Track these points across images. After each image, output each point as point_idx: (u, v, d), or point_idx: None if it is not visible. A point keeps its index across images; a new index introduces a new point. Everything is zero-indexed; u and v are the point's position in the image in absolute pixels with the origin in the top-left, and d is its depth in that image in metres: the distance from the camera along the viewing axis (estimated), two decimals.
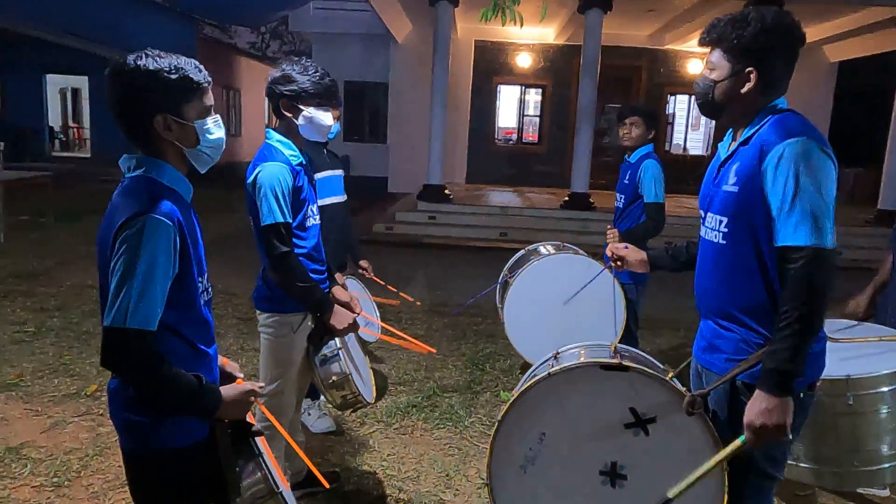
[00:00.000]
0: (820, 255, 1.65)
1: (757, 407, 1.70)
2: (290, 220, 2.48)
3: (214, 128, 1.65)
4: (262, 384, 1.74)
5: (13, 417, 3.69)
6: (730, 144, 1.90)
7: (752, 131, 1.81)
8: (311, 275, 2.55)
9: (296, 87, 2.51)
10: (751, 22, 1.75)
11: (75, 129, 24.12)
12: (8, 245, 8.20)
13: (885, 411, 2.23)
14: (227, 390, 1.64)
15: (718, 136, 14.80)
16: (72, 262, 7.41)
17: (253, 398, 1.71)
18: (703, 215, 1.98)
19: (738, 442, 1.74)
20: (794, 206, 1.67)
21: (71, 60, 17.73)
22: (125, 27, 18.15)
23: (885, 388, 2.22)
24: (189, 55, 1.62)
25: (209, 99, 1.64)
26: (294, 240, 2.57)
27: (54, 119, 22.17)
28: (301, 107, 2.54)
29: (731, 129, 1.94)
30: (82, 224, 9.51)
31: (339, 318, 2.58)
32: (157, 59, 1.55)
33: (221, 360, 1.80)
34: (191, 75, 1.58)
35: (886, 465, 2.24)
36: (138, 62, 1.53)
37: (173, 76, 1.55)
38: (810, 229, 1.66)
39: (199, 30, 20.02)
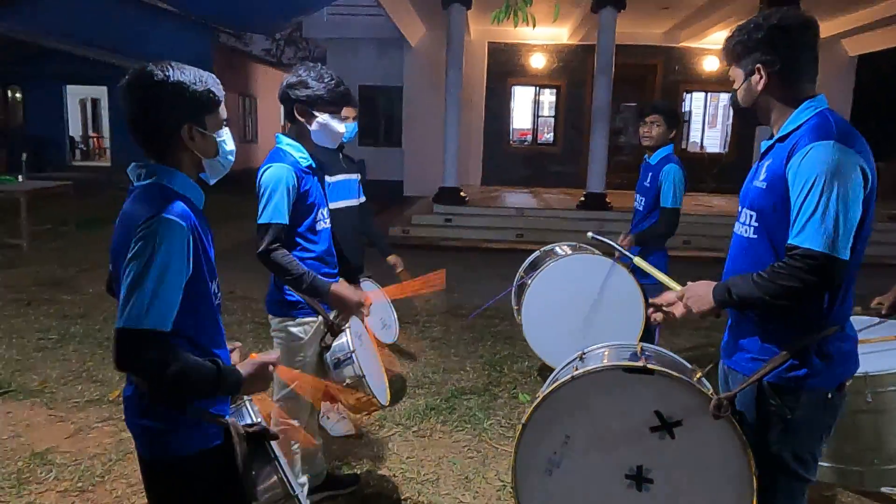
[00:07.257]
0: (831, 265, 1.60)
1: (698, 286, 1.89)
2: (286, 222, 2.48)
3: (228, 140, 1.70)
4: (277, 355, 1.74)
5: (38, 423, 3.75)
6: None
7: (792, 128, 1.80)
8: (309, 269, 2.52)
9: (311, 93, 2.53)
10: (745, 26, 1.84)
11: (95, 139, 24.46)
12: (31, 253, 8.34)
13: None
14: (244, 367, 1.65)
15: (735, 134, 14.72)
16: (93, 269, 7.51)
17: (271, 368, 1.70)
18: (739, 211, 1.98)
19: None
20: (812, 209, 1.62)
21: (90, 71, 18.00)
22: (143, 38, 18.45)
23: None
24: (206, 63, 1.65)
25: (224, 112, 1.68)
26: (304, 243, 2.60)
27: (75, 129, 22.50)
28: (315, 113, 2.56)
29: (772, 128, 1.93)
30: (103, 232, 9.62)
31: (339, 302, 2.57)
32: (182, 71, 1.57)
33: None
34: (212, 88, 1.61)
35: None
36: (166, 73, 1.54)
37: (199, 88, 1.57)
38: (826, 236, 1.60)
39: (215, 38, 20.26)
